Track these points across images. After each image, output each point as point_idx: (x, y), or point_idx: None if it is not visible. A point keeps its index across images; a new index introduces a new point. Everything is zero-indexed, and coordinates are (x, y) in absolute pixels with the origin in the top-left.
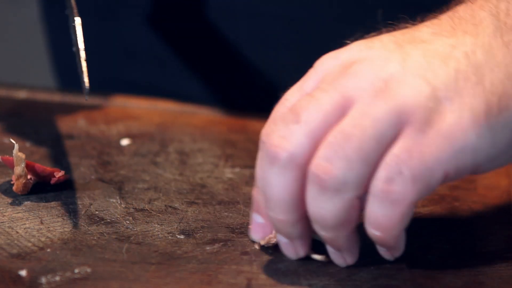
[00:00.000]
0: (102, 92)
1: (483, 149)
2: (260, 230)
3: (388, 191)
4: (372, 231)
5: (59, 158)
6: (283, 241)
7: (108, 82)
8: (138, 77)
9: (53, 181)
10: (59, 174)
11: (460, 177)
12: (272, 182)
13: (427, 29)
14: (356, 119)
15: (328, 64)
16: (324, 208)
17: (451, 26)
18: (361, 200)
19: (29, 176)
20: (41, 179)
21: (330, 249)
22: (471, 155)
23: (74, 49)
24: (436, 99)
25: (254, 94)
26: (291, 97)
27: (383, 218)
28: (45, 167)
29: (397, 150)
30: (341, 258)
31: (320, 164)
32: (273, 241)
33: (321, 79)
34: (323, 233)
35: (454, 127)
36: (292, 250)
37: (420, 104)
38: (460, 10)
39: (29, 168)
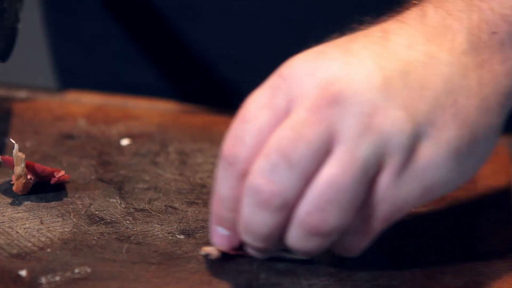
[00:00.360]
0: (100, 91)
1: (452, 182)
2: (226, 241)
3: (366, 229)
4: (341, 254)
5: (59, 158)
6: (223, 235)
7: (107, 83)
8: (137, 79)
9: (53, 181)
10: (59, 174)
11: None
12: (259, 222)
13: (400, 40)
14: (346, 165)
15: (302, 81)
16: (306, 246)
17: (425, 37)
18: None
19: (29, 176)
20: (41, 179)
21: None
22: (440, 189)
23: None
24: (416, 135)
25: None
26: (259, 113)
27: (355, 247)
28: (45, 167)
29: (380, 194)
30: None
31: (315, 215)
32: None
33: (296, 101)
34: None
35: (428, 166)
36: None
37: (401, 145)
38: (430, 16)
39: (29, 168)
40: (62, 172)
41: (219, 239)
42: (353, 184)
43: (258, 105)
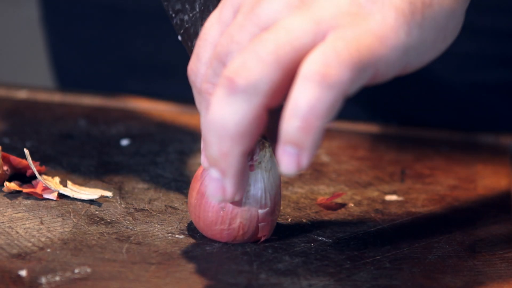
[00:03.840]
0: (100, 91)
1: (413, 47)
2: (220, 188)
3: (324, 74)
4: (291, 122)
5: (59, 158)
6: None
7: (108, 83)
8: (138, 84)
9: (28, 173)
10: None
11: (388, 77)
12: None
13: None
14: (273, 30)
15: None
16: (229, 112)
17: None
18: (267, 116)
19: (5, 168)
20: (17, 171)
21: (208, 179)
22: (402, 53)
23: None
24: (357, 4)
25: None
26: (211, 29)
27: (313, 102)
28: (20, 159)
29: (333, 39)
30: (219, 188)
31: (233, 68)
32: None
33: (238, 10)
34: (215, 147)
35: (384, 27)
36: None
37: (341, 11)
38: None
39: (5, 160)
40: (37, 164)
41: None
42: (276, 41)
43: (211, 22)
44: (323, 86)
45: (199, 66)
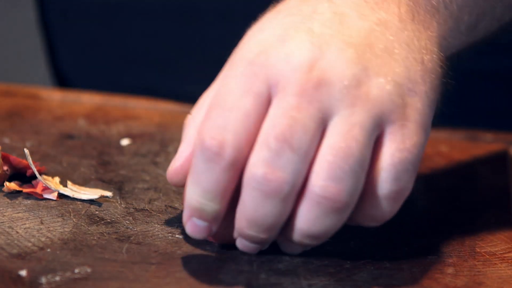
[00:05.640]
0: (100, 91)
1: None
2: (204, 231)
3: (396, 191)
4: (368, 224)
5: (59, 158)
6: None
7: (107, 83)
8: (137, 81)
9: (28, 173)
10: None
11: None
12: (267, 213)
13: (350, 12)
14: (345, 132)
15: (278, 67)
16: (324, 225)
17: (369, 6)
18: None
19: (5, 168)
20: (17, 171)
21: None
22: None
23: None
24: (403, 94)
25: None
26: (242, 100)
27: (388, 214)
28: (20, 159)
29: (393, 151)
30: (206, 231)
31: (331, 186)
32: None
33: (278, 86)
34: (293, 242)
35: (424, 116)
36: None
37: (393, 103)
38: None
39: (5, 160)
40: (37, 164)
41: (194, 229)
42: (357, 146)
43: (237, 93)
44: (394, 200)
45: (229, 137)
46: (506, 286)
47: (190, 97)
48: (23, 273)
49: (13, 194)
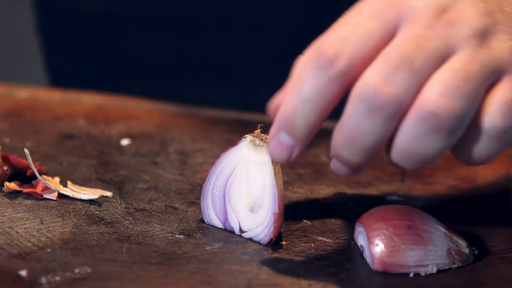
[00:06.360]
0: (102, 93)
1: None
2: (286, 151)
3: (502, 128)
4: (467, 162)
5: (59, 158)
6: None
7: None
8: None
9: (28, 173)
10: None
11: None
12: (368, 129)
13: None
14: (467, 62)
15: (414, 3)
16: (425, 146)
17: None
18: None
19: (5, 168)
20: (17, 171)
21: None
22: None
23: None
24: None
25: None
26: (370, 20)
27: (487, 154)
28: (20, 159)
29: (506, 91)
30: (288, 152)
31: (442, 102)
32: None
33: (409, 18)
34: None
35: None
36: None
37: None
38: None
39: (5, 160)
40: (37, 164)
41: (279, 149)
42: (476, 74)
43: (367, 14)
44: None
45: (347, 48)
46: (506, 286)
47: (191, 101)
48: (23, 273)
49: (13, 194)
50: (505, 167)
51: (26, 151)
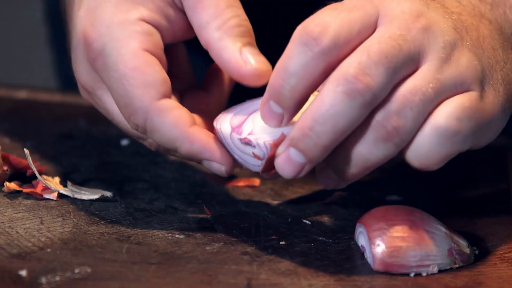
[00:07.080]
0: None
1: (500, 127)
2: (276, 119)
3: (453, 129)
4: (415, 164)
5: (59, 158)
6: (296, 161)
7: None
8: None
9: (28, 173)
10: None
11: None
12: (340, 111)
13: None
14: (427, 79)
15: (391, 5)
16: (377, 155)
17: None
18: None
19: (5, 168)
20: (17, 171)
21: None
22: (495, 132)
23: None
24: (483, 78)
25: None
26: (352, 9)
27: (433, 156)
28: (20, 159)
29: (464, 100)
30: (298, 169)
31: (393, 119)
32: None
33: (386, 17)
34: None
35: (492, 106)
36: (299, 170)
37: (477, 77)
38: (464, 3)
39: (5, 160)
40: (37, 164)
41: (269, 116)
42: (432, 95)
43: (350, 5)
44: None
45: (330, 31)
46: (506, 286)
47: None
48: (23, 273)
49: (13, 194)
50: (504, 167)
51: (26, 151)
